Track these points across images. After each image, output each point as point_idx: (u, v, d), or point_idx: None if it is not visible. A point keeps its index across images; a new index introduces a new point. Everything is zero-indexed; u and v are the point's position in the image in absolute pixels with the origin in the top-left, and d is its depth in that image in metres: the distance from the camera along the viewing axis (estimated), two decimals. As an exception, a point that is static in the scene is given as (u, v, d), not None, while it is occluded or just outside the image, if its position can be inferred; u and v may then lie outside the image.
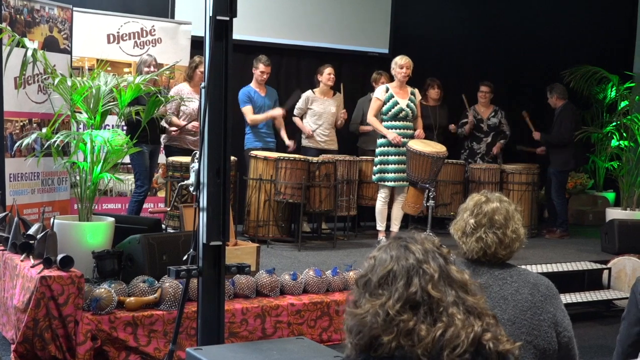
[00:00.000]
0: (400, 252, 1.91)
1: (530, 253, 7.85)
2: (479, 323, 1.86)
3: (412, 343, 1.80)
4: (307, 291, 5.91)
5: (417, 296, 1.84)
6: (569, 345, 2.80)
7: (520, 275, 2.82)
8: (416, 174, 7.40)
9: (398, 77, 7.71)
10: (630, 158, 9.51)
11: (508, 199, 2.96)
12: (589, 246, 8.75)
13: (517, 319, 2.71)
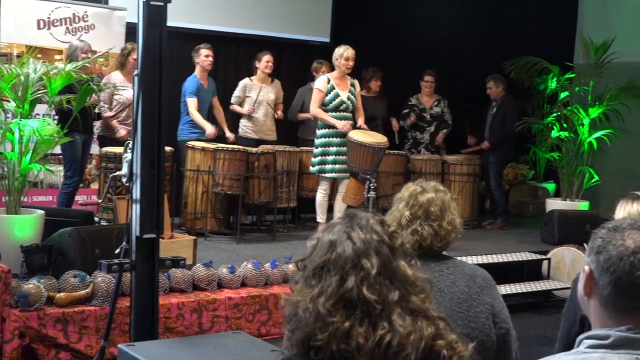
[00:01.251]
0: (341, 239, 1.76)
1: (471, 244, 7.98)
2: (429, 328, 1.73)
3: (350, 349, 1.67)
4: (245, 285, 5.91)
5: (353, 295, 1.70)
6: (507, 336, 2.82)
7: (456, 267, 2.84)
8: (357, 164, 7.44)
9: (342, 68, 7.67)
10: (570, 149, 9.71)
11: (444, 188, 2.95)
12: (529, 237, 8.93)
13: (453, 311, 2.71)
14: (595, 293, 1.90)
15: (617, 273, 1.83)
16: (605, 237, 1.89)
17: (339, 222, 1.83)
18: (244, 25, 9.62)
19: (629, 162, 10.82)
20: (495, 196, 9.70)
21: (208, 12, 9.40)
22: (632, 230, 1.89)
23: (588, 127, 9.53)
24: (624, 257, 1.83)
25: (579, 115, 9.55)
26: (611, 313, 1.88)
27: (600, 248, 1.88)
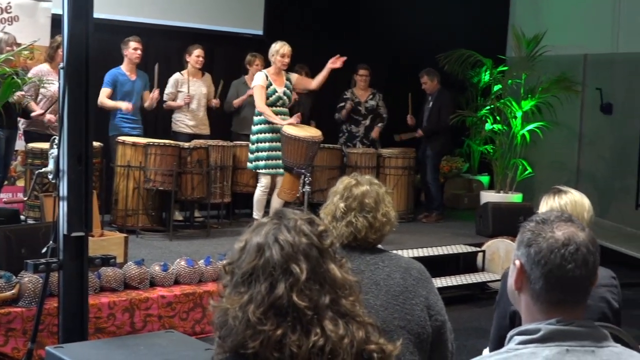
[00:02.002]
0: (269, 243, 1.74)
1: (406, 237, 8.05)
2: (360, 332, 1.73)
3: (284, 358, 1.66)
4: (178, 282, 5.86)
5: (283, 302, 1.68)
6: (442, 329, 2.85)
7: (391, 259, 2.86)
8: (291, 159, 7.43)
9: (278, 64, 7.69)
10: (504, 141, 9.88)
11: (378, 182, 2.98)
12: (464, 229, 9.06)
13: (389, 304, 2.73)
14: (526, 287, 1.92)
15: (548, 266, 1.85)
16: (534, 230, 1.91)
17: (266, 223, 1.81)
18: (175, 18, 9.51)
19: (561, 154, 11.07)
20: (432, 189, 9.81)
21: (137, 3, 9.26)
22: (560, 222, 1.92)
23: (521, 119, 9.71)
24: (554, 250, 1.85)
25: (511, 108, 9.72)
26: (542, 307, 1.90)
27: (530, 241, 1.90)
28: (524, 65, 9.83)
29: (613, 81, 10.63)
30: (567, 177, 10.56)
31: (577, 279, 1.85)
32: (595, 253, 1.89)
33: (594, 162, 10.97)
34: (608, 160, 10.85)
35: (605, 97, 10.58)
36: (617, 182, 10.67)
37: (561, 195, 3.23)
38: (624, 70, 10.50)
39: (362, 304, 1.81)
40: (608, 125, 10.70)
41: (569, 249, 1.85)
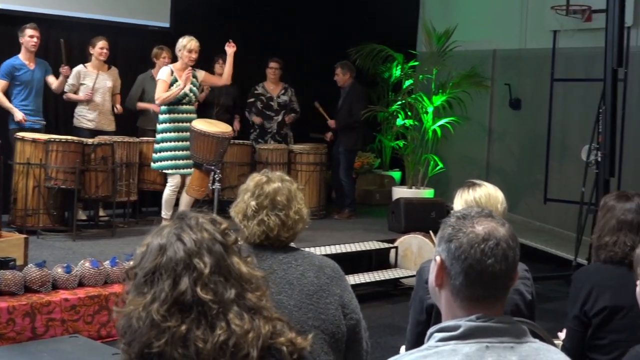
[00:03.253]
0: (171, 242, 1.74)
1: (318, 234, 8.06)
2: (266, 326, 1.74)
3: (189, 354, 1.65)
4: (83, 284, 5.72)
5: (187, 297, 1.69)
6: (357, 327, 2.85)
7: (305, 258, 2.84)
8: (200, 155, 7.34)
9: (185, 60, 7.59)
10: (415, 137, 10.01)
11: (290, 178, 2.96)
12: (376, 226, 9.13)
13: (303, 304, 2.71)
14: (446, 283, 1.93)
15: (468, 261, 1.87)
16: (455, 225, 1.93)
17: (167, 225, 1.81)
18: (76, 8, 9.24)
19: (472, 149, 11.29)
20: (345, 186, 9.85)
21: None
22: (481, 218, 1.94)
23: (432, 114, 9.85)
24: (474, 245, 1.87)
25: (423, 103, 9.85)
26: (462, 303, 1.91)
27: (451, 236, 1.92)
28: (434, 60, 9.98)
29: (521, 77, 10.90)
30: (477, 172, 10.75)
31: (496, 274, 1.87)
32: (515, 248, 1.92)
33: (503, 157, 11.22)
34: (517, 155, 11.12)
35: (514, 92, 10.85)
36: (525, 177, 10.94)
37: (475, 189, 3.29)
38: (531, 66, 10.77)
39: (269, 299, 1.82)
40: (517, 120, 10.97)
41: (489, 243, 1.87)
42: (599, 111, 7.77)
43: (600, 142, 7.62)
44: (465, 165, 10.90)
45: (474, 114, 10.49)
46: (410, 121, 10.10)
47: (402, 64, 10.44)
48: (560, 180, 10.25)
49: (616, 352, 3.05)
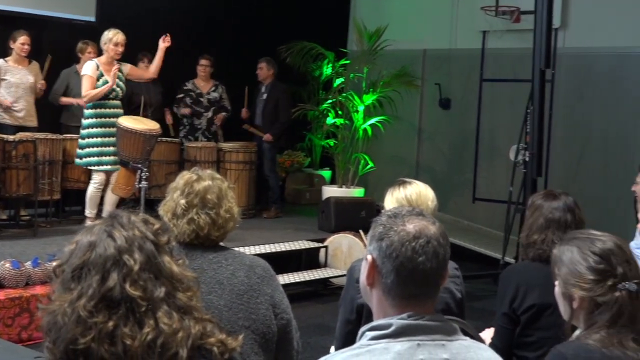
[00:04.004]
0: (101, 239, 1.73)
1: (248, 234, 8.03)
2: (196, 326, 1.74)
3: (117, 351, 1.64)
4: (3, 286, 5.60)
5: (115, 293, 1.67)
6: (288, 327, 2.86)
7: (235, 257, 2.83)
8: (127, 153, 7.24)
9: (111, 54, 7.49)
10: (346, 136, 10.06)
11: (220, 177, 2.94)
12: (306, 225, 9.14)
13: (233, 303, 2.70)
14: (378, 282, 1.95)
15: (399, 259, 1.89)
16: (386, 224, 1.95)
17: (98, 224, 1.80)
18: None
19: (402, 149, 11.40)
20: (270, 182, 9.84)
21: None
22: (412, 216, 1.96)
23: (362, 113, 9.91)
24: (405, 243, 1.89)
25: (353, 102, 9.89)
26: (394, 301, 1.93)
27: (382, 235, 1.94)
28: (365, 59, 10.03)
29: (451, 77, 11.05)
30: (407, 171, 10.86)
31: (427, 271, 1.90)
32: (445, 246, 1.95)
33: (432, 157, 11.36)
34: (446, 155, 11.27)
35: (444, 92, 10.99)
36: (455, 177, 11.09)
37: (406, 186, 3.34)
38: (461, 66, 10.93)
39: (199, 300, 1.82)
40: (446, 120, 11.11)
41: (419, 241, 1.89)
42: (526, 111, 7.93)
43: (528, 142, 7.78)
44: (396, 165, 10.99)
45: (404, 113, 10.59)
46: (340, 120, 10.13)
47: (332, 62, 10.47)
48: (489, 180, 10.43)
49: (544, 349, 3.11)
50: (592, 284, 2.29)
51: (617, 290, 2.26)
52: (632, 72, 9.67)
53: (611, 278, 2.28)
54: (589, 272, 2.30)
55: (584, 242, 2.36)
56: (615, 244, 2.34)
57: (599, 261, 2.30)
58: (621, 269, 2.29)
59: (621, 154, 9.59)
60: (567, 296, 2.35)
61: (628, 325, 2.24)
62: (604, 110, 9.78)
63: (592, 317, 2.28)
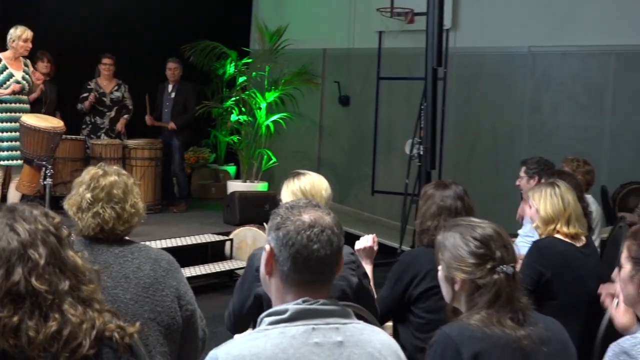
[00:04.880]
0: (3, 232, 1.71)
1: (155, 229, 7.94)
2: (100, 317, 1.75)
3: (21, 344, 1.62)
4: None
5: (21, 287, 1.65)
6: (193, 317, 2.87)
7: (141, 251, 2.81)
8: (31, 150, 7.05)
9: (20, 50, 7.33)
10: (249, 132, 10.05)
11: (127, 173, 2.92)
12: (212, 219, 9.10)
13: (139, 297, 2.69)
14: (276, 270, 1.99)
15: (295, 247, 1.93)
16: (283, 215, 2.00)
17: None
18: None
19: (303, 144, 11.46)
20: (179, 180, 9.77)
21: None
22: (308, 207, 2.02)
23: (265, 110, 9.93)
24: (301, 231, 1.94)
25: (256, 100, 9.90)
26: (291, 288, 1.97)
27: (279, 225, 1.98)
28: (267, 58, 10.04)
29: (350, 75, 11.18)
30: (309, 166, 10.80)
31: (322, 259, 1.95)
32: (339, 235, 2.01)
33: (333, 152, 11.46)
34: (346, 150, 11.39)
35: (343, 90, 11.11)
36: (354, 171, 11.23)
37: (300, 178, 3.39)
38: (359, 65, 11.07)
39: (100, 291, 1.84)
40: (346, 116, 11.24)
41: (314, 230, 1.94)
42: (420, 108, 8.09)
43: (422, 136, 7.93)
44: (298, 160, 11.03)
45: (305, 110, 10.65)
46: (244, 117, 10.12)
47: (235, 61, 10.44)
48: (387, 173, 10.59)
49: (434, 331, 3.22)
50: (472, 267, 2.35)
51: (495, 273, 2.33)
52: (518, 70, 10.00)
53: (490, 262, 2.35)
54: (470, 256, 2.37)
55: (466, 229, 2.43)
56: (494, 230, 2.42)
57: (479, 246, 2.37)
58: (499, 253, 2.36)
59: (508, 148, 9.92)
60: (450, 279, 2.42)
61: (506, 305, 2.31)
62: (492, 106, 10.08)
63: (473, 298, 2.35)
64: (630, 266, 2.41)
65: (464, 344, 2.23)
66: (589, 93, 9.62)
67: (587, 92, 9.63)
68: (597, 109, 9.56)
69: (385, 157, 10.72)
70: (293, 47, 10.03)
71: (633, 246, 2.41)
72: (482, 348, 2.23)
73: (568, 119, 9.68)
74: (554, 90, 9.81)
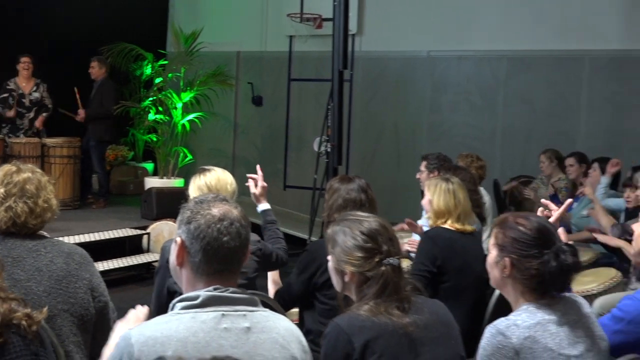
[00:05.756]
0: None
1: (74, 224, 7.77)
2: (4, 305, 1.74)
3: None
4: None
5: None
6: (105, 309, 2.86)
7: (54, 245, 2.79)
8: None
9: None
10: (166, 131, 9.94)
11: (41, 171, 2.89)
12: (130, 214, 8.96)
13: (52, 289, 2.66)
14: (187, 261, 2.01)
15: (206, 239, 1.95)
16: (193, 209, 2.02)
17: None
18: None
19: (219, 142, 11.42)
20: (99, 178, 9.58)
21: None
22: (216, 202, 2.03)
23: (181, 110, 9.83)
24: (211, 224, 1.96)
25: (172, 100, 9.79)
26: (202, 278, 1.99)
27: (190, 218, 1.99)
28: (182, 59, 9.94)
29: (263, 76, 11.18)
30: (224, 163, 10.82)
31: (231, 249, 1.98)
32: (247, 227, 2.04)
33: (247, 149, 11.44)
34: (259, 147, 11.38)
35: (256, 90, 11.12)
36: (267, 167, 11.09)
37: (205, 174, 3.44)
38: (271, 67, 11.07)
39: (4, 280, 1.84)
40: (259, 115, 11.23)
41: (224, 223, 1.96)
42: (327, 108, 8.15)
43: (329, 134, 7.99)
44: (213, 157, 10.97)
45: (220, 110, 10.60)
46: (161, 116, 9.99)
47: (152, 62, 10.30)
48: (297, 169, 10.64)
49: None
50: (361, 260, 2.36)
51: (382, 266, 2.34)
52: (418, 73, 10.19)
53: (377, 255, 2.36)
54: (359, 250, 2.37)
55: (354, 223, 2.42)
56: (380, 224, 2.43)
57: (367, 240, 2.37)
58: (385, 246, 2.37)
59: (410, 144, 10.10)
60: (339, 271, 2.42)
61: (392, 295, 2.33)
62: (395, 106, 10.24)
63: (362, 289, 2.36)
64: (495, 252, 2.47)
65: (355, 333, 2.25)
66: (482, 94, 9.86)
67: (481, 94, 9.87)
68: (489, 109, 9.81)
69: (296, 154, 10.76)
70: (208, 49, 9.97)
71: (499, 234, 2.47)
72: (372, 336, 2.25)
73: (463, 118, 9.91)
74: (451, 92, 10.02)
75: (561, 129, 9.23)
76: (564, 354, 2.32)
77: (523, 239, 2.40)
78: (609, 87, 9.07)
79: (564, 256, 2.36)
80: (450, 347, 2.39)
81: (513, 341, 2.29)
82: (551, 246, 2.38)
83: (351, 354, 2.23)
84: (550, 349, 2.31)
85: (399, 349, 2.27)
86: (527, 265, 2.38)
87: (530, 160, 8.52)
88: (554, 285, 2.40)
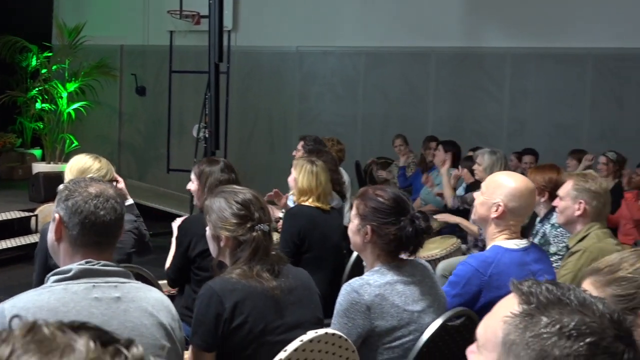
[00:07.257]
0: None
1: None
2: None
3: None
4: None
5: None
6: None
7: None
8: None
9: None
10: (52, 119, 9.60)
11: None
12: (18, 198, 8.60)
13: None
14: (65, 235, 1.98)
15: (84, 213, 1.94)
16: (71, 188, 2.00)
17: None
18: None
19: (105, 129, 11.09)
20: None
21: None
22: (93, 182, 2.01)
23: (66, 99, 9.51)
24: (88, 200, 1.94)
25: (58, 90, 9.45)
26: (79, 250, 1.96)
27: (68, 196, 1.97)
28: (67, 52, 9.61)
29: (146, 68, 10.91)
30: (110, 149, 10.60)
31: (107, 223, 1.98)
32: (121, 204, 2.05)
33: (132, 136, 11.17)
34: (144, 134, 11.12)
35: (140, 81, 10.82)
36: (152, 152, 10.99)
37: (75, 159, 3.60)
38: (154, 60, 10.82)
39: None
40: (143, 104, 10.97)
41: (100, 199, 1.96)
42: (205, 97, 8.03)
43: (207, 122, 7.89)
44: (100, 143, 10.64)
45: (105, 99, 10.29)
46: (47, 105, 9.62)
47: (37, 54, 9.86)
48: (179, 153, 10.44)
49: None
50: (235, 226, 2.39)
51: (254, 231, 2.38)
52: (288, 66, 10.24)
53: (250, 221, 2.40)
54: (233, 217, 2.41)
55: (230, 194, 2.46)
56: (253, 196, 2.48)
57: (241, 208, 2.41)
58: (257, 214, 2.42)
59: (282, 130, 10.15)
60: (216, 237, 2.44)
61: (263, 259, 2.37)
62: (268, 96, 10.26)
63: (236, 253, 2.39)
64: (357, 221, 2.54)
65: (226, 295, 2.26)
66: (345, 86, 10.02)
67: (344, 85, 10.03)
68: (351, 99, 9.98)
69: (178, 140, 10.56)
70: (92, 42, 9.65)
71: (360, 205, 2.54)
72: (241, 298, 2.27)
73: (329, 106, 10.04)
74: (317, 83, 10.13)
75: (412, 116, 9.54)
76: (408, 309, 2.41)
77: (382, 208, 2.47)
78: (453, 80, 9.45)
79: (418, 222, 2.44)
80: (311, 310, 2.44)
81: (365, 298, 2.36)
82: (406, 214, 2.46)
83: (222, 314, 2.24)
84: (397, 305, 2.39)
85: (265, 310, 2.30)
86: (387, 231, 2.44)
87: (386, 143, 8.76)
88: (411, 246, 2.47)
